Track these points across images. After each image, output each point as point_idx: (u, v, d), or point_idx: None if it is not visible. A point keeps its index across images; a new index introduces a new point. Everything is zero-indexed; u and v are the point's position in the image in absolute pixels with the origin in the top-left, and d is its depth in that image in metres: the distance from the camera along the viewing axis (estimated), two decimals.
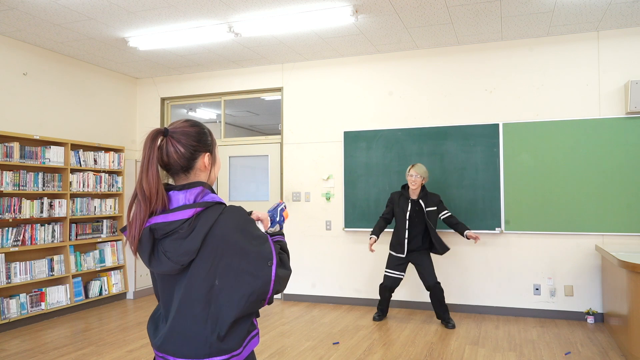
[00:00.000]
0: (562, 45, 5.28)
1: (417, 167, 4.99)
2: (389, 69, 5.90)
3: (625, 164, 5.00)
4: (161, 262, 1.33)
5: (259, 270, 1.34)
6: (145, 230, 1.32)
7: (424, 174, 5.00)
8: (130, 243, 1.33)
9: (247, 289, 1.33)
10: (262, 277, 1.34)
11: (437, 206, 5.00)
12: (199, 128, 1.44)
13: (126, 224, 1.38)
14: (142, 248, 1.34)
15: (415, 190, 5.00)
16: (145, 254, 1.34)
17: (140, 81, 7.12)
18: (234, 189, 6.72)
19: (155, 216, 1.33)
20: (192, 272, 1.33)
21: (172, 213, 1.33)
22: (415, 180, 4.95)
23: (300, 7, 4.50)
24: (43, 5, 4.43)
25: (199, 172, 1.43)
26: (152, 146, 1.34)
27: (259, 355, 4.13)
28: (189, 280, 1.34)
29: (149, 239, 1.33)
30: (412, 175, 4.97)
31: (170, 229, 1.31)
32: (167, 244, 1.32)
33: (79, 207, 5.81)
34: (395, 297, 5.69)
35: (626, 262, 3.70)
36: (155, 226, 1.32)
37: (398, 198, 5.09)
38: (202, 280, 1.32)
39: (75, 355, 4.17)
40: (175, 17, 4.73)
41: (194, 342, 1.33)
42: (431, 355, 4.08)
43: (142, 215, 1.32)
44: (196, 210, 1.32)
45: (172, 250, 1.32)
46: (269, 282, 1.35)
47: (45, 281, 5.44)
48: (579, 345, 4.32)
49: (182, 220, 1.31)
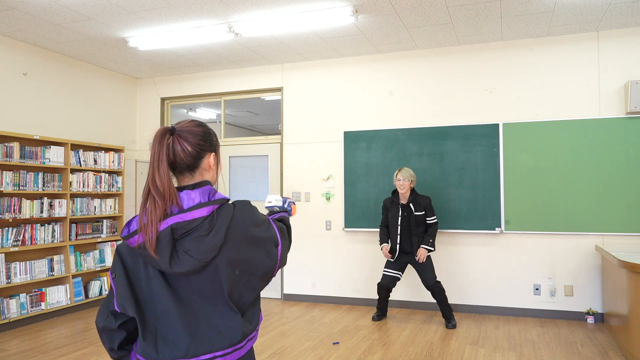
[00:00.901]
0: (562, 45, 5.28)
1: (403, 172, 5.00)
2: (389, 69, 5.90)
3: (625, 164, 5.00)
4: (182, 262, 1.31)
5: (270, 253, 1.44)
6: (165, 231, 1.30)
7: (412, 177, 5.00)
8: (148, 242, 1.29)
9: (261, 271, 1.43)
10: (272, 259, 1.45)
11: (424, 210, 5.00)
12: (205, 128, 1.46)
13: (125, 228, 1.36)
14: (162, 250, 1.31)
15: (405, 194, 5.01)
16: (165, 255, 1.31)
17: (140, 81, 7.12)
18: (234, 189, 6.72)
19: (172, 216, 1.31)
20: (213, 268, 1.34)
21: (190, 212, 1.32)
22: (403, 185, 4.96)
23: (300, 7, 4.50)
24: (43, 5, 4.43)
25: (204, 171, 1.44)
26: (160, 144, 1.34)
27: (259, 355, 4.13)
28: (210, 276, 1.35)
29: (169, 240, 1.31)
30: (400, 179, 4.98)
31: (191, 228, 1.31)
32: (187, 243, 1.31)
33: (79, 207, 5.81)
34: (394, 297, 5.69)
35: (626, 262, 3.70)
36: (176, 226, 1.31)
37: (390, 204, 5.13)
38: (225, 272, 1.35)
39: (75, 355, 4.17)
40: (175, 17, 4.73)
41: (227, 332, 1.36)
42: (431, 355, 4.08)
43: (158, 214, 1.30)
44: (215, 207, 1.35)
45: (193, 248, 1.31)
46: (276, 261, 1.47)
47: (45, 281, 5.44)
48: (579, 345, 4.32)
49: (202, 217, 1.32)
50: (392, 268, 5.09)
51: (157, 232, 1.29)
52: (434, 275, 4.96)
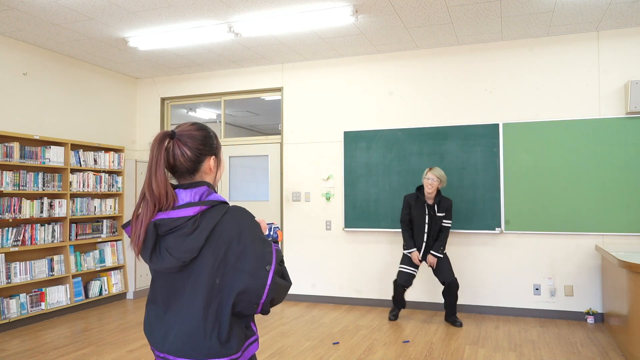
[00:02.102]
0: (562, 45, 5.28)
1: (435, 170, 4.90)
2: (389, 69, 5.90)
3: (625, 164, 5.00)
4: (163, 259, 1.34)
5: (256, 271, 1.34)
6: (149, 225, 1.34)
7: (442, 178, 4.91)
8: (134, 241, 1.34)
9: (240, 285, 1.32)
10: (258, 278, 1.33)
11: (445, 212, 4.97)
12: (206, 132, 1.45)
13: (128, 221, 1.40)
14: (145, 244, 1.35)
15: (432, 194, 4.93)
16: (147, 249, 1.35)
17: (140, 81, 7.12)
18: (234, 189, 6.72)
19: (159, 213, 1.35)
20: (194, 270, 1.34)
21: (177, 210, 1.34)
22: (432, 184, 4.86)
23: (300, 7, 4.50)
24: (43, 5, 4.43)
25: (204, 174, 1.45)
26: (159, 148, 1.36)
27: (259, 355, 4.13)
28: (190, 279, 1.34)
29: (152, 234, 1.34)
30: (430, 178, 4.87)
31: (174, 226, 1.33)
32: (170, 241, 1.34)
33: (79, 207, 5.82)
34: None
35: (626, 262, 3.70)
36: (160, 222, 1.34)
37: (415, 202, 5.01)
38: (204, 278, 1.33)
39: (75, 355, 4.17)
40: (175, 17, 4.73)
41: (194, 342, 1.33)
42: (431, 355, 4.08)
43: (148, 215, 1.34)
44: (201, 208, 1.34)
45: (174, 246, 1.33)
46: (264, 286, 1.34)
47: (45, 281, 5.44)
48: (579, 345, 4.32)
49: (187, 217, 1.33)
50: (408, 264, 5.03)
51: (145, 231, 1.33)
52: (452, 272, 4.94)
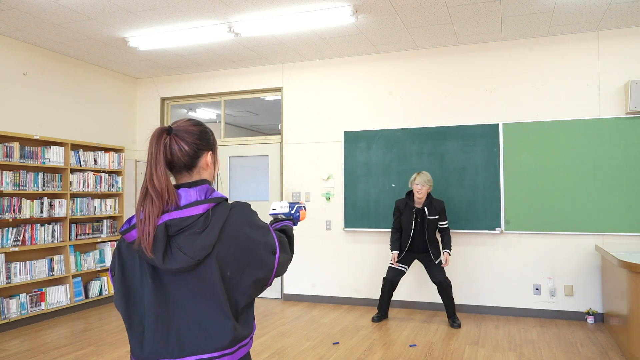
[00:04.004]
0: (562, 45, 5.28)
1: (422, 176, 4.92)
2: (389, 69, 5.90)
3: (625, 164, 5.00)
4: (176, 259, 1.33)
5: (265, 259, 1.41)
6: (160, 227, 1.32)
7: (429, 183, 4.94)
8: (144, 241, 1.31)
9: (254, 276, 1.40)
10: (267, 265, 1.42)
11: (438, 215, 4.99)
12: (202, 127, 1.47)
13: (125, 223, 1.38)
14: (156, 245, 1.33)
15: (421, 199, 4.97)
16: (159, 251, 1.33)
17: (140, 81, 7.12)
18: (234, 189, 6.72)
19: (168, 213, 1.34)
20: (207, 266, 1.34)
21: (186, 209, 1.34)
22: (420, 190, 4.91)
23: (300, 7, 4.50)
24: (43, 5, 4.43)
25: (202, 170, 1.46)
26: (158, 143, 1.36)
27: (259, 355, 4.13)
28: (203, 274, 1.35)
29: (164, 235, 1.33)
30: (418, 184, 4.92)
31: (185, 225, 1.33)
32: (181, 240, 1.33)
33: (79, 207, 5.81)
34: (395, 297, 5.68)
35: (626, 262, 3.70)
36: (171, 222, 1.33)
37: (404, 207, 5.06)
38: (217, 272, 1.34)
39: (75, 355, 4.17)
40: (175, 17, 4.73)
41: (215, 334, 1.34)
42: (431, 355, 4.08)
43: (155, 212, 1.32)
44: (210, 205, 1.36)
45: (187, 245, 1.32)
46: (272, 270, 1.43)
47: (45, 281, 5.44)
48: (579, 345, 4.32)
49: (197, 215, 1.34)
50: (398, 261, 5.08)
51: (155, 228, 1.31)
52: (443, 271, 4.95)
